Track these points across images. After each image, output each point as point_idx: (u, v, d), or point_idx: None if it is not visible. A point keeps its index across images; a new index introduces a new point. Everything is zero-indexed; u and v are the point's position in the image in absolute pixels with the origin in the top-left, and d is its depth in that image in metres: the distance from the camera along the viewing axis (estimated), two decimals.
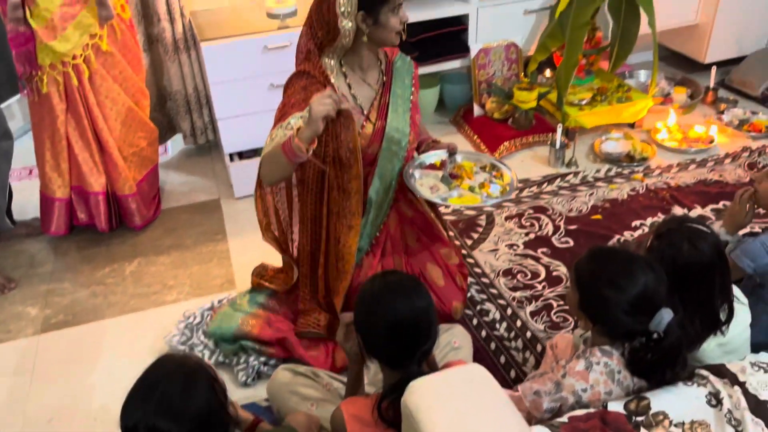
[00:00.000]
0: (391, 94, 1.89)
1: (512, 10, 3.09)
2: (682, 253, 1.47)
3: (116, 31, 2.42)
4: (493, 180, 1.94)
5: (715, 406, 1.33)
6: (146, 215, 2.67)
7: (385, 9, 1.69)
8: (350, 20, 1.69)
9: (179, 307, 2.25)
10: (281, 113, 1.78)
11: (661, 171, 2.87)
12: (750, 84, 3.42)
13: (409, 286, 1.34)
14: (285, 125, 1.72)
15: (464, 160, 1.98)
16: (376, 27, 1.72)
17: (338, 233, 1.88)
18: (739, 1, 3.33)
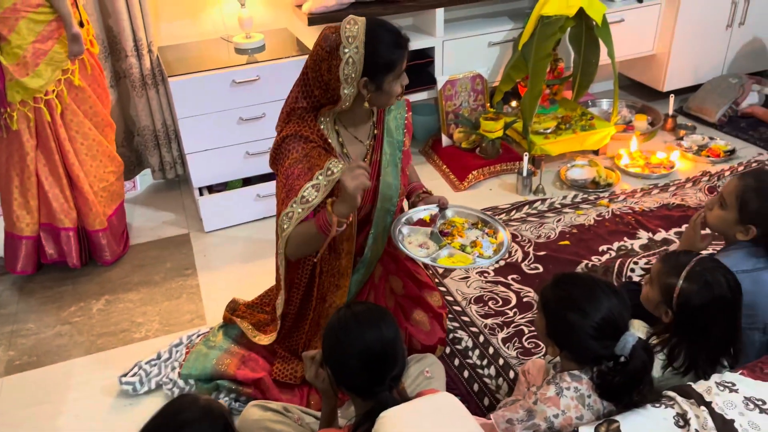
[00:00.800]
0: (382, 149, 1.82)
1: (477, 42, 3.17)
2: (715, 290, 1.50)
3: (87, 65, 2.42)
4: (485, 237, 1.82)
5: (683, 427, 1.35)
6: (116, 251, 2.63)
7: (390, 77, 1.63)
8: (352, 86, 1.62)
9: (148, 344, 2.21)
10: (286, 186, 1.68)
11: (625, 196, 2.94)
12: (707, 111, 3.54)
13: (376, 315, 1.34)
14: (299, 200, 1.64)
15: (455, 216, 1.89)
16: (378, 93, 1.65)
17: (325, 291, 1.85)
18: (693, 31, 3.47)
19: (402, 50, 1.63)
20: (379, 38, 1.59)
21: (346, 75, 1.60)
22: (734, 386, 1.44)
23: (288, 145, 1.71)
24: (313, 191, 1.64)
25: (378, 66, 1.60)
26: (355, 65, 1.59)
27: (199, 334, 2.18)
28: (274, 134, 2.71)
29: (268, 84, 2.68)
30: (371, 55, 1.58)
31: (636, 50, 3.52)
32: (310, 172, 1.65)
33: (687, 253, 1.60)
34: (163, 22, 2.93)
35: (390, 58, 1.60)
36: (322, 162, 1.66)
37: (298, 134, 1.70)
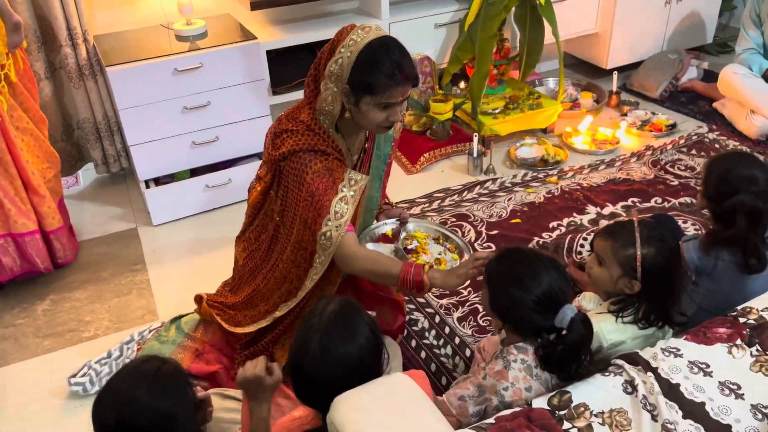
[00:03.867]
0: (371, 163, 1.78)
1: (423, 24, 3.16)
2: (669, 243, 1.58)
3: (18, 59, 2.30)
4: (448, 253, 1.82)
5: (631, 393, 1.39)
6: (74, 247, 2.53)
7: (368, 99, 1.52)
8: (334, 86, 1.54)
9: (98, 343, 2.15)
10: (314, 204, 1.59)
11: (573, 173, 2.99)
12: (649, 86, 3.63)
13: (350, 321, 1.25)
14: (333, 216, 1.57)
15: (416, 230, 1.88)
16: (357, 110, 1.56)
17: (309, 296, 1.79)
18: (633, 8, 3.54)
19: (391, 83, 1.51)
20: (375, 58, 1.50)
21: (331, 71, 1.53)
22: (679, 351, 1.49)
23: (304, 159, 1.60)
24: (343, 205, 1.59)
25: (360, 82, 1.52)
26: (342, 69, 1.51)
27: (150, 330, 2.13)
28: (220, 123, 2.71)
29: (212, 71, 2.61)
30: (359, 68, 1.51)
31: (579, 29, 3.57)
32: (335, 186, 1.59)
33: (623, 223, 1.65)
34: (98, 10, 2.82)
35: (372, 81, 1.50)
36: (342, 173, 1.61)
37: (314, 149, 1.60)
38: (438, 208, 2.78)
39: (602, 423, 1.32)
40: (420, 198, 2.85)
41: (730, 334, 1.54)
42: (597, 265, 1.65)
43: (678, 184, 2.85)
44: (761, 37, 3.20)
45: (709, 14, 3.87)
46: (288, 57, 2.94)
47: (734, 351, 1.49)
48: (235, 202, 2.85)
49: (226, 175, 2.80)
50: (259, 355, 1.88)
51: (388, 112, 1.55)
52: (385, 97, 1.52)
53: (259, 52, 2.71)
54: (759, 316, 1.59)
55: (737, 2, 4.27)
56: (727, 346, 1.51)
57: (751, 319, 1.59)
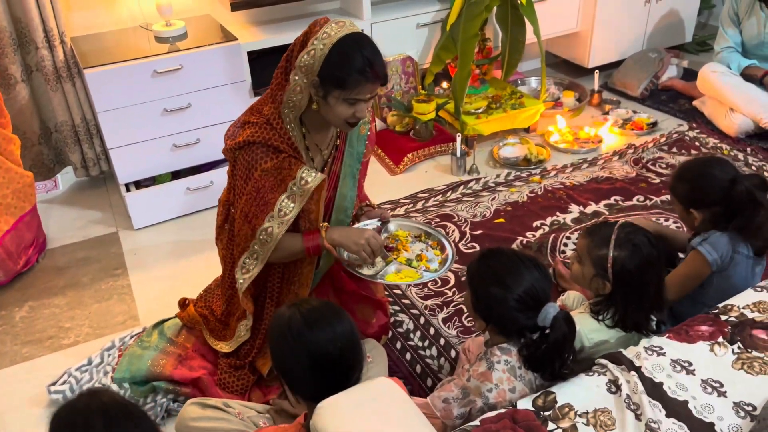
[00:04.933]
0: (342, 161, 1.76)
1: (405, 24, 3.15)
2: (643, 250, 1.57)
3: None
4: (430, 250, 1.80)
5: (615, 393, 1.39)
6: (13, 269, 2.41)
7: (337, 93, 1.52)
8: (305, 78, 1.53)
9: (78, 349, 2.12)
10: (258, 199, 1.60)
11: (556, 172, 3.00)
12: (630, 85, 3.65)
13: (327, 314, 1.25)
14: (276, 214, 1.59)
15: (398, 229, 1.87)
16: (325, 103, 1.55)
17: (282, 298, 1.79)
18: (613, 8, 3.56)
19: (361, 79, 1.51)
20: (348, 53, 1.50)
21: (302, 62, 1.52)
22: (662, 350, 1.50)
23: (256, 153, 1.60)
24: (290, 203, 1.59)
25: (331, 75, 1.51)
26: (314, 60, 1.50)
27: (132, 336, 2.10)
28: (201, 125, 2.69)
29: (192, 73, 2.58)
30: (331, 62, 1.50)
31: (561, 28, 3.58)
32: (283, 184, 1.59)
33: (607, 224, 1.65)
34: (75, 11, 2.77)
35: (343, 75, 1.50)
36: (294, 171, 1.60)
37: (267, 143, 1.59)
38: (422, 208, 2.77)
39: (587, 423, 1.33)
40: (404, 198, 2.85)
41: (712, 332, 1.55)
42: (576, 263, 1.66)
43: (660, 182, 2.87)
44: (739, 36, 3.23)
45: (689, 13, 3.90)
46: (269, 58, 2.91)
47: (716, 349, 1.50)
48: (217, 204, 2.81)
49: (208, 177, 2.77)
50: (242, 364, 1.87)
51: (355, 108, 1.56)
52: (354, 93, 1.52)
53: (240, 53, 2.69)
54: (740, 314, 1.61)
55: (716, 1, 4.31)
56: (709, 344, 1.52)
57: (733, 316, 1.60)
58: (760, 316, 1.59)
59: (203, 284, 2.22)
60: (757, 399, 1.37)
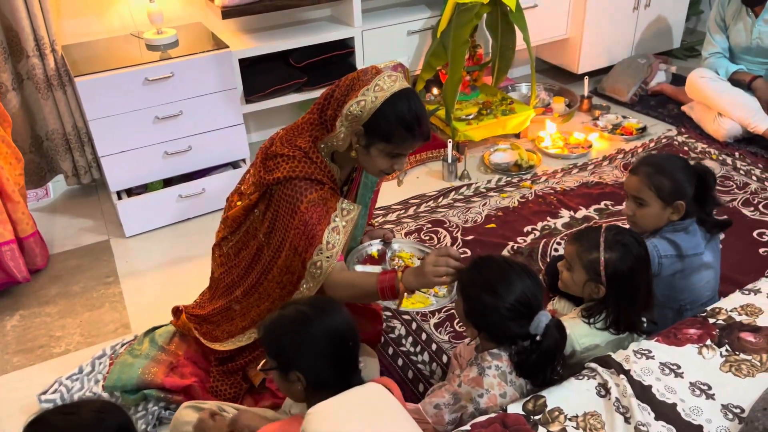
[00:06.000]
0: (358, 191, 1.79)
1: (396, 31, 3.17)
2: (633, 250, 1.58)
3: None
4: None
5: (604, 396, 1.40)
6: (46, 254, 2.50)
7: (382, 146, 1.55)
8: (350, 125, 1.55)
9: (69, 358, 2.11)
10: (306, 233, 1.59)
11: (547, 177, 3.02)
12: (619, 91, 3.68)
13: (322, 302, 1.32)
14: (325, 246, 1.58)
15: (401, 250, 1.88)
16: (365, 153, 1.58)
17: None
18: (602, 14, 3.59)
19: (408, 136, 1.54)
20: (399, 110, 1.52)
21: (350, 112, 1.53)
22: (650, 353, 1.51)
23: (299, 187, 1.61)
24: (335, 236, 1.59)
25: (378, 129, 1.54)
26: (363, 111, 1.52)
27: (123, 344, 2.10)
28: (192, 132, 2.69)
29: (184, 80, 2.59)
30: (381, 116, 1.52)
31: (550, 34, 3.61)
32: (328, 215, 1.60)
33: (592, 228, 1.67)
34: (66, 19, 2.78)
35: (391, 131, 1.53)
36: (335, 203, 1.62)
37: (310, 178, 1.61)
38: (414, 214, 2.78)
39: (576, 427, 1.34)
40: (396, 204, 2.86)
41: (700, 335, 1.56)
42: (566, 270, 1.67)
43: None
44: (727, 41, 3.27)
45: (677, 19, 3.94)
46: (261, 65, 2.93)
47: (704, 352, 1.52)
48: (209, 211, 2.82)
49: (200, 184, 2.77)
50: (235, 372, 1.87)
51: (395, 161, 1.60)
52: (399, 148, 1.57)
53: (231, 60, 2.70)
54: (728, 317, 1.62)
55: (704, 6, 4.36)
56: (697, 346, 1.53)
57: (721, 319, 1.62)
58: (748, 319, 1.60)
59: (195, 291, 2.21)
60: (745, 401, 1.38)
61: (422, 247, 1.90)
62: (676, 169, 1.79)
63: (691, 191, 1.78)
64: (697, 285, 1.82)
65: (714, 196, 1.82)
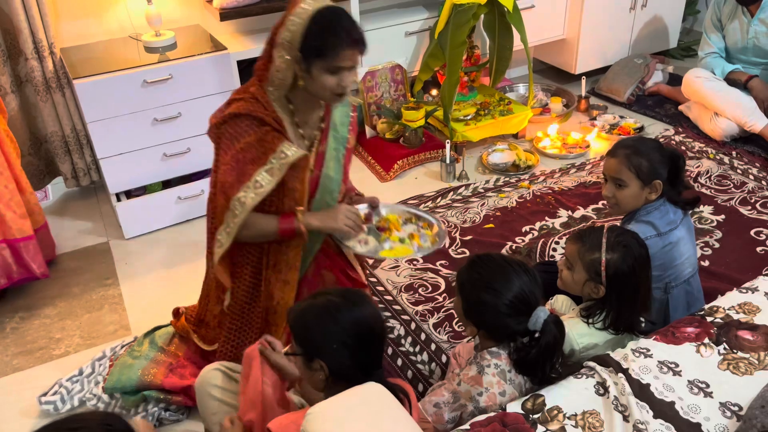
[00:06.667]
0: (328, 140, 1.78)
1: (393, 32, 3.18)
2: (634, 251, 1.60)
3: None
4: (421, 231, 1.88)
5: (603, 395, 1.41)
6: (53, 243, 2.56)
7: (320, 64, 1.56)
8: (287, 54, 1.57)
9: (69, 360, 2.12)
10: (237, 169, 1.61)
11: (544, 177, 3.03)
12: (616, 91, 3.69)
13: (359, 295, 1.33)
14: (253, 185, 1.60)
15: (389, 213, 1.91)
16: (309, 77, 1.58)
17: (272, 288, 1.79)
18: (599, 15, 3.61)
19: (341, 45, 1.55)
20: (324, 23, 1.54)
21: (283, 39, 1.56)
22: (649, 352, 1.52)
23: (241, 126, 1.63)
24: (267, 176, 1.60)
25: (311, 47, 1.55)
26: (294, 35, 1.55)
27: (123, 345, 2.10)
28: (191, 134, 2.69)
29: (182, 82, 2.60)
30: (309, 34, 1.54)
31: (547, 35, 3.62)
32: (264, 157, 1.61)
33: (594, 228, 1.67)
34: (64, 22, 2.78)
35: (322, 44, 1.54)
36: (276, 145, 1.62)
37: (252, 115, 1.62)
38: None
39: (575, 425, 1.34)
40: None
41: (698, 333, 1.57)
42: (566, 269, 1.67)
43: None
44: (722, 41, 3.28)
45: (673, 19, 3.95)
46: None
47: (702, 350, 1.53)
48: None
49: (199, 186, 2.77)
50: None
51: (338, 77, 1.59)
52: (336, 60, 1.56)
53: (230, 62, 2.70)
54: (726, 315, 1.63)
55: (701, 6, 4.37)
56: (695, 345, 1.54)
57: (718, 317, 1.62)
58: (746, 317, 1.61)
59: (195, 293, 2.22)
60: (743, 399, 1.39)
61: (409, 209, 1.93)
62: (651, 150, 1.83)
63: (665, 172, 1.82)
64: (678, 261, 1.85)
65: (683, 178, 1.88)
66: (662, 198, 1.84)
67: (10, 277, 2.31)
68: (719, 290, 1.92)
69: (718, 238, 2.53)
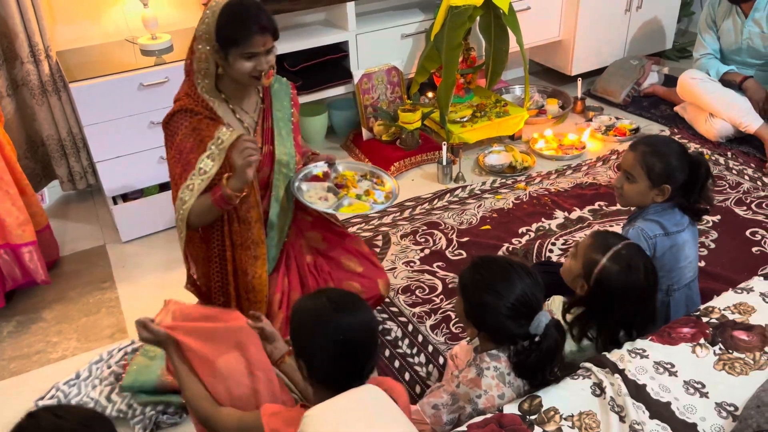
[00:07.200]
0: (273, 118, 1.88)
1: (390, 35, 3.18)
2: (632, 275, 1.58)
3: None
4: (376, 187, 1.98)
5: (599, 396, 1.41)
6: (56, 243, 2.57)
7: (235, 52, 1.65)
8: (207, 45, 1.67)
9: (66, 364, 2.11)
10: (181, 162, 1.72)
11: (541, 178, 3.04)
12: (612, 92, 3.70)
13: (352, 301, 1.30)
14: (197, 172, 1.70)
15: (345, 170, 2.03)
16: (228, 65, 1.69)
17: (245, 265, 1.83)
18: (594, 16, 3.62)
19: (249, 33, 1.64)
20: (233, 13, 1.64)
21: (199, 32, 1.67)
22: (645, 352, 1.53)
23: (177, 121, 1.74)
24: (209, 161, 1.70)
25: (224, 37, 1.65)
26: (209, 27, 1.65)
27: (120, 349, 2.10)
28: None
29: (179, 85, 2.57)
30: (221, 25, 1.64)
31: (543, 36, 3.63)
32: (203, 144, 1.71)
33: (617, 235, 1.67)
34: (60, 25, 2.78)
35: (233, 33, 1.64)
36: (212, 132, 1.72)
37: (184, 108, 1.73)
38: (409, 216, 2.79)
39: (572, 426, 1.35)
40: (391, 207, 2.86)
41: (694, 334, 1.58)
42: (571, 257, 1.68)
43: None
44: (717, 42, 3.29)
45: (668, 21, 3.97)
46: None
47: (698, 350, 1.53)
48: None
49: None
50: None
51: (254, 62, 1.67)
52: (248, 47, 1.65)
53: None
54: (721, 315, 1.64)
55: (696, 8, 4.39)
56: (691, 345, 1.55)
57: (714, 318, 1.63)
58: (741, 318, 1.62)
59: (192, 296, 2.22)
60: (738, 399, 1.40)
61: (365, 166, 2.06)
62: (671, 154, 1.81)
63: (681, 178, 1.81)
64: (682, 264, 1.85)
65: (704, 190, 1.84)
66: (671, 202, 1.83)
67: (14, 281, 2.31)
68: (715, 290, 1.93)
69: (714, 238, 2.54)
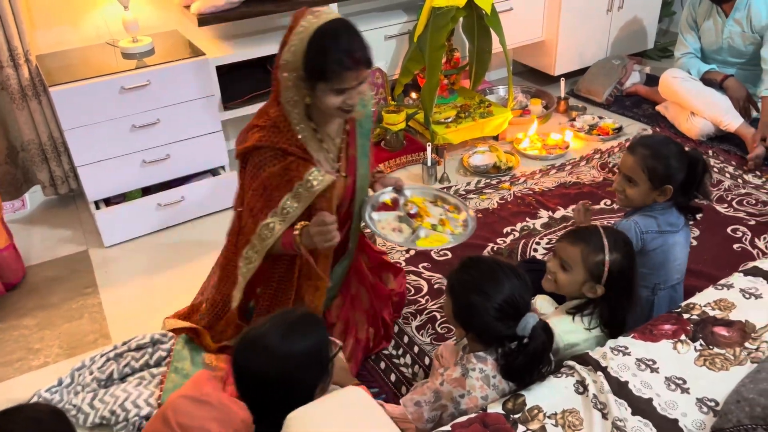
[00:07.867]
0: (356, 143, 1.78)
1: (373, 36, 3.18)
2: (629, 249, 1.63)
3: None
4: (449, 214, 1.88)
5: (582, 393, 1.42)
6: (21, 267, 2.50)
7: (322, 85, 1.54)
8: (293, 74, 1.56)
9: (48, 371, 2.09)
10: (264, 197, 1.66)
11: (525, 178, 3.05)
12: (595, 92, 3.73)
13: (297, 322, 1.28)
14: (279, 211, 1.65)
15: (413, 195, 1.92)
16: (314, 95, 1.58)
17: (303, 293, 1.81)
18: (576, 16, 3.64)
19: (341, 70, 1.52)
20: (325, 45, 1.51)
21: (285, 60, 1.56)
22: (627, 349, 1.54)
23: (264, 157, 1.64)
24: (293, 203, 1.64)
25: (313, 69, 1.53)
26: (295, 57, 1.54)
27: (102, 354, 2.07)
28: (170, 141, 2.68)
29: (160, 88, 2.58)
30: (309, 56, 1.52)
31: (526, 37, 3.65)
32: (290, 184, 1.64)
33: (588, 230, 1.68)
34: (40, 29, 2.75)
35: (323, 68, 1.52)
36: (301, 173, 1.64)
37: (275, 147, 1.63)
38: None
39: (555, 424, 1.35)
40: None
41: (675, 330, 1.59)
42: (561, 272, 1.67)
43: None
44: (698, 42, 3.32)
45: (650, 20, 4.00)
46: (239, 72, 2.92)
47: (679, 346, 1.55)
48: (189, 219, 2.81)
49: (179, 192, 2.76)
50: None
51: (343, 96, 1.57)
52: (338, 83, 1.54)
53: (209, 67, 2.69)
54: (702, 312, 1.65)
55: (677, 8, 4.43)
56: (672, 342, 1.56)
57: (695, 314, 1.65)
58: (721, 314, 1.64)
59: (176, 300, 2.22)
60: (719, 394, 1.41)
61: (431, 190, 1.97)
62: (670, 155, 1.82)
63: (680, 177, 1.82)
64: (671, 264, 1.87)
65: (702, 186, 1.85)
66: (670, 201, 1.85)
67: None
68: (697, 287, 1.94)
69: (696, 235, 2.56)
